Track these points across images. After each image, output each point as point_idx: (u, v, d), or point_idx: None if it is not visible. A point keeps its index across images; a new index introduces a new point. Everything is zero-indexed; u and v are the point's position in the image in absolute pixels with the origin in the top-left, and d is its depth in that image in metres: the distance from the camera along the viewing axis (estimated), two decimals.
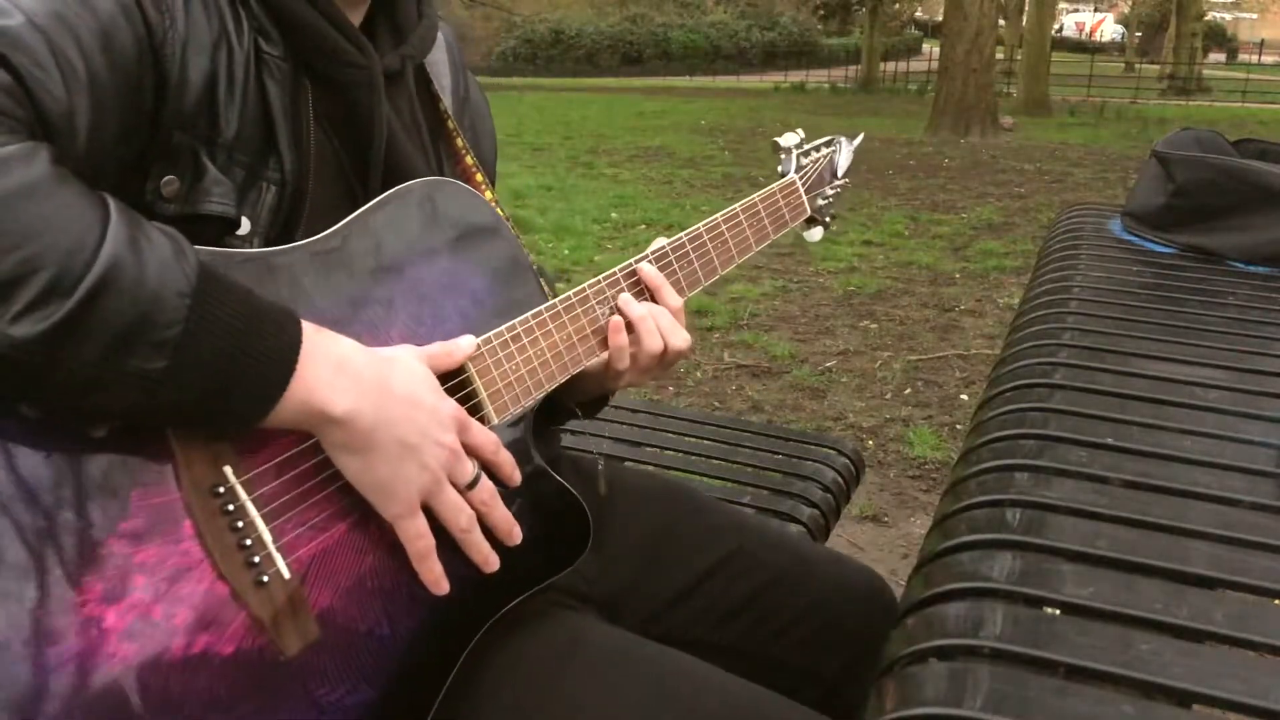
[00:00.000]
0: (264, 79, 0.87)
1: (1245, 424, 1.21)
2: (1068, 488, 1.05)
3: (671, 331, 1.08)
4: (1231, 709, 0.73)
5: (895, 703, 0.73)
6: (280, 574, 0.80)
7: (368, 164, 0.95)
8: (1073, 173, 10.61)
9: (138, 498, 0.73)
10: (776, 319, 5.14)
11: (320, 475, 0.83)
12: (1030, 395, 1.30)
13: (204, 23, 0.84)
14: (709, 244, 1.19)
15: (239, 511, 0.78)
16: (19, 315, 0.64)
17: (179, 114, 0.82)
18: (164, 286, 0.69)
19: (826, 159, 1.41)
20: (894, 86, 26.24)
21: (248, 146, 0.87)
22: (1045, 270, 1.94)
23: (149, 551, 0.73)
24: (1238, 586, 0.88)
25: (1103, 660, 0.76)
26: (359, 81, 0.94)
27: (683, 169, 10.34)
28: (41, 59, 0.71)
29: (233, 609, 0.77)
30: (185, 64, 0.82)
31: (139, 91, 0.80)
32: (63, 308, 0.65)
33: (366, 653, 0.86)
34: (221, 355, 0.72)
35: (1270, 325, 1.56)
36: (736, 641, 1.19)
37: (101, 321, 0.67)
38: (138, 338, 0.68)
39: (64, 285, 0.65)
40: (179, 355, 0.70)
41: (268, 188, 0.88)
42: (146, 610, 0.72)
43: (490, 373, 0.95)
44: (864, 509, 3.15)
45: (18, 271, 0.64)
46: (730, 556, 1.21)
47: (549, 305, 1.01)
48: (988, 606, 0.84)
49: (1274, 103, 21.78)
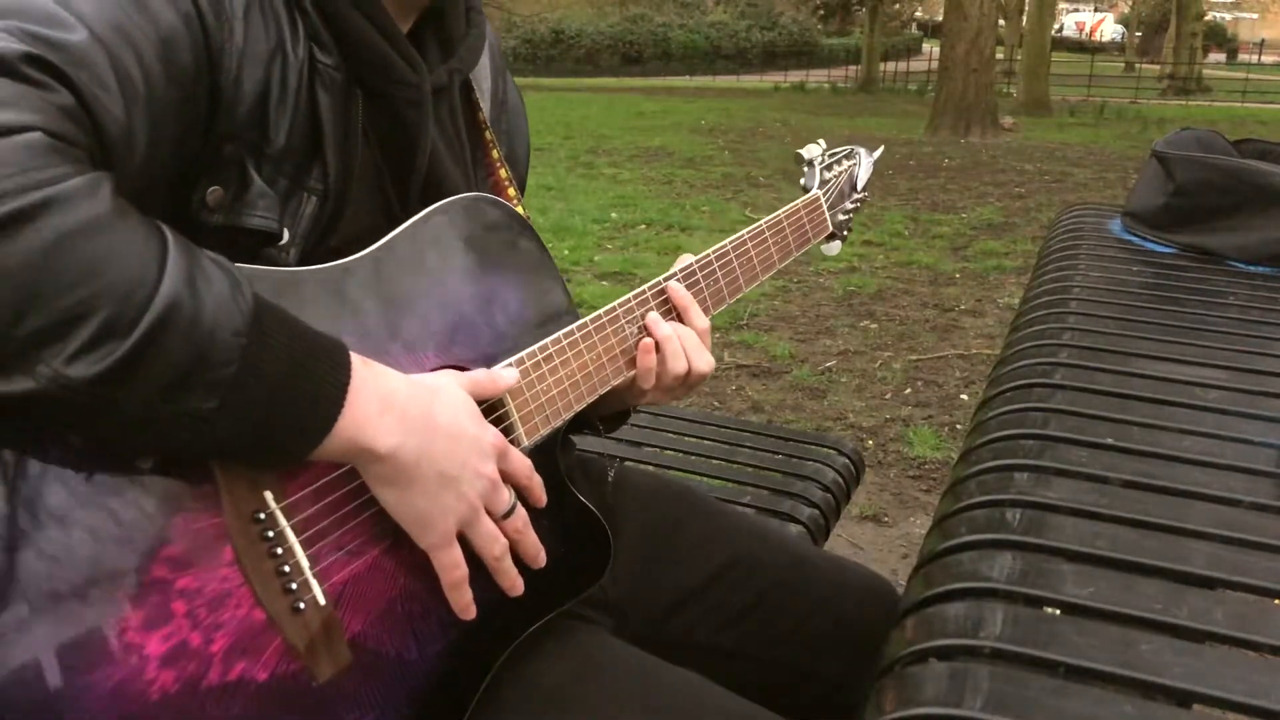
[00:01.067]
0: (316, 88, 0.86)
1: (1245, 424, 1.21)
2: (1068, 488, 1.05)
3: (696, 353, 1.08)
4: (1231, 709, 0.73)
5: (895, 703, 0.73)
6: (316, 600, 0.79)
7: (408, 177, 0.94)
8: (1073, 173, 10.61)
9: (181, 523, 0.72)
10: (776, 319, 5.14)
11: (357, 500, 0.83)
12: (1030, 395, 1.30)
13: (261, 32, 0.82)
14: (735, 262, 1.19)
15: (278, 538, 0.77)
16: (75, 356, 0.62)
17: (231, 126, 0.81)
18: (220, 326, 0.67)
19: (846, 173, 1.41)
20: (894, 86, 26.23)
21: (294, 156, 0.85)
22: (1045, 270, 1.94)
23: (189, 578, 0.72)
24: (1238, 586, 0.88)
25: (1103, 660, 0.76)
26: (409, 99, 0.92)
27: (683, 169, 10.34)
28: (103, 77, 0.69)
29: (268, 635, 0.76)
30: (241, 76, 0.80)
31: (194, 104, 0.78)
32: (120, 349, 0.63)
33: (394, 676, 0.86)
34: (273, 393, 0.71)
35: (1270, 325, 1.57)
36: (740, 644, 1.19)
37: (158, 362, 0.65)
38: (193, 378, 0.66)
39: (121, 325, 0.63)
40: (232, 395, 0.68)
41: (308, 198, 0.86)
42: (185, 637, 0.72)
43: (523, 394, 0.94)
44: (864, 509, 3.15)
45: (76, 311, 0.61)
46: (734, 559, 1.21)
47: (580, 324, 1.00)
48: (988, 606, 0.84)
49: (1274, 103, 21.78)
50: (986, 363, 4.36)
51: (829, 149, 1.42)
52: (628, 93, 21.84)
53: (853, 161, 1.43)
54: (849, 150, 1.45)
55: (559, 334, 0.98)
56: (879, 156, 1.48)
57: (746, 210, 8.13)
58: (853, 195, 1.43)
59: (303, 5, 0.85)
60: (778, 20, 37.18)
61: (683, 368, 1.07)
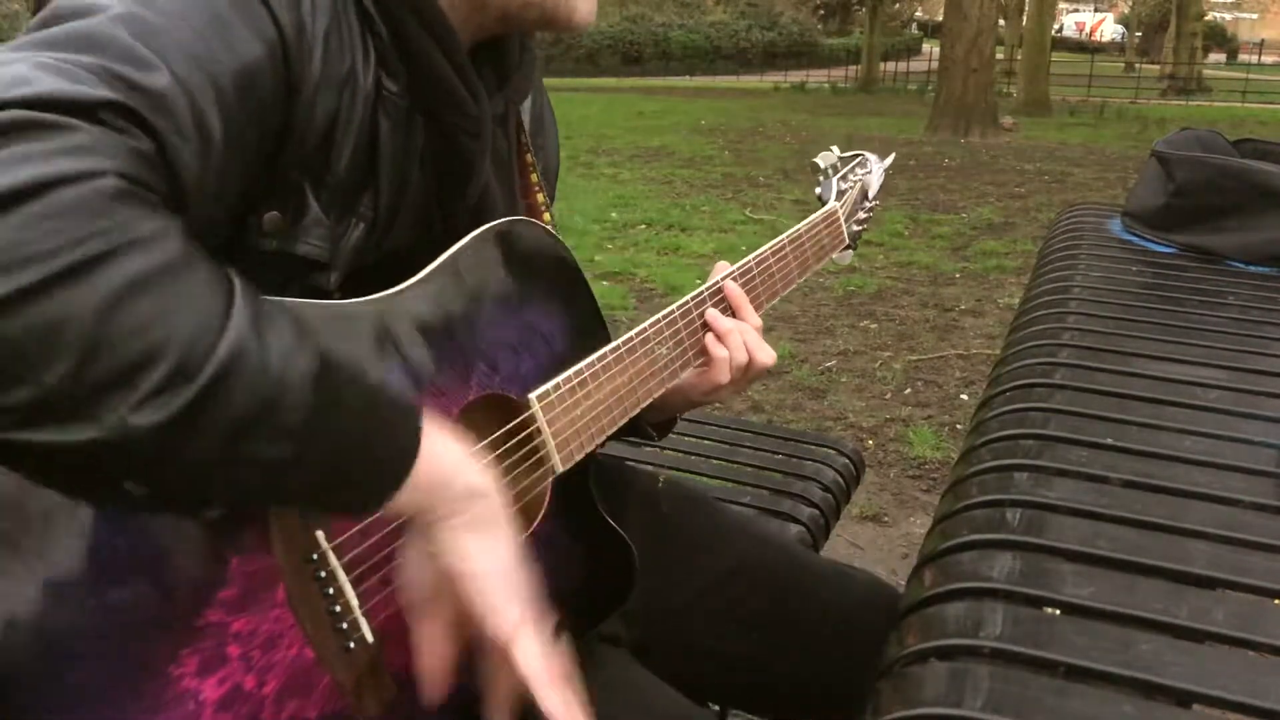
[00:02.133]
0: (378, 116, 0.84)
1: (1245, 424, 1.21)
2: (1068, 488, 1.05)
3: (757, 347, 1.12)
4: (1231, 709, 0.73)
5: (895, 703, 0.73)
6: (365, 639, 0.79)
7: (456, 205, 0.93)
8: (1073, 173, 10.61)
9: (236, 565, 0.72)
10: (776, 319, 5.13)
11: (400, 537, 0.82)
12: (1030, 395, 1.30)
13: (338, 59, 0.80)
14: (757, 278, 1.19)
15: (330, 578, 0.77)
16: (140, 404, 0.60)
17: (299, 154, 0.79)
18: (288, 371, 0.66)
19: (860, 182, 1.40)
20: (894, 86, 26.23)
21: (349, 182, 0.83)
22: (1045, 270, 1.94)
23: (243, 620, 0.72)
24: (1238, 586, 0.88)
25: (1103, 660, 0.76)
26: (468, 130, 0.90)
27: (683, 169, 10.34)
28: (182, 124, 0.67)
29: (318, 675, 0.76)
30: (314, 105, 0.78)
31: (267, 137, 0.76)
32: (185, 395, 0.61)
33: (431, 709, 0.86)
34: (342, 445, 0.69)
35: (1270, 325, 1.57)
36: (743, 648, 1.19)
37: (225, 408, 0.63)
38: (262, 424, 0.65)
39: (188, 371, 0.61)
40: (305, 442, 0.67)
41: (357, 224, 0.85)
42: (240, 680, 0.72)
43: (559, 420, 0.93)
44: (864, 509, 3.15)
45: (143, 358, 0.60)
46: (738, 565, 1.21)
47: (612, 347, 0.99)
48: (988, 606, 0.84)
49: (1274, 103, 21.77)
50: (986, 363, 4.36)
51: (841, 155, 1.41)
52: (628, 93, 21.84)
53: (866, 170, 1.42)
54: (861, 158, 1.44)
55: (593, 358, 0.97)
56: (890, 164, 1.47)
57: (746, 210, 8.13)
58: (865, 204, 1.42)
59: (375, 28, 0.83)
60: (778, 20, 37.17)
61: (743, 359, 1.10)
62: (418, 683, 0.83)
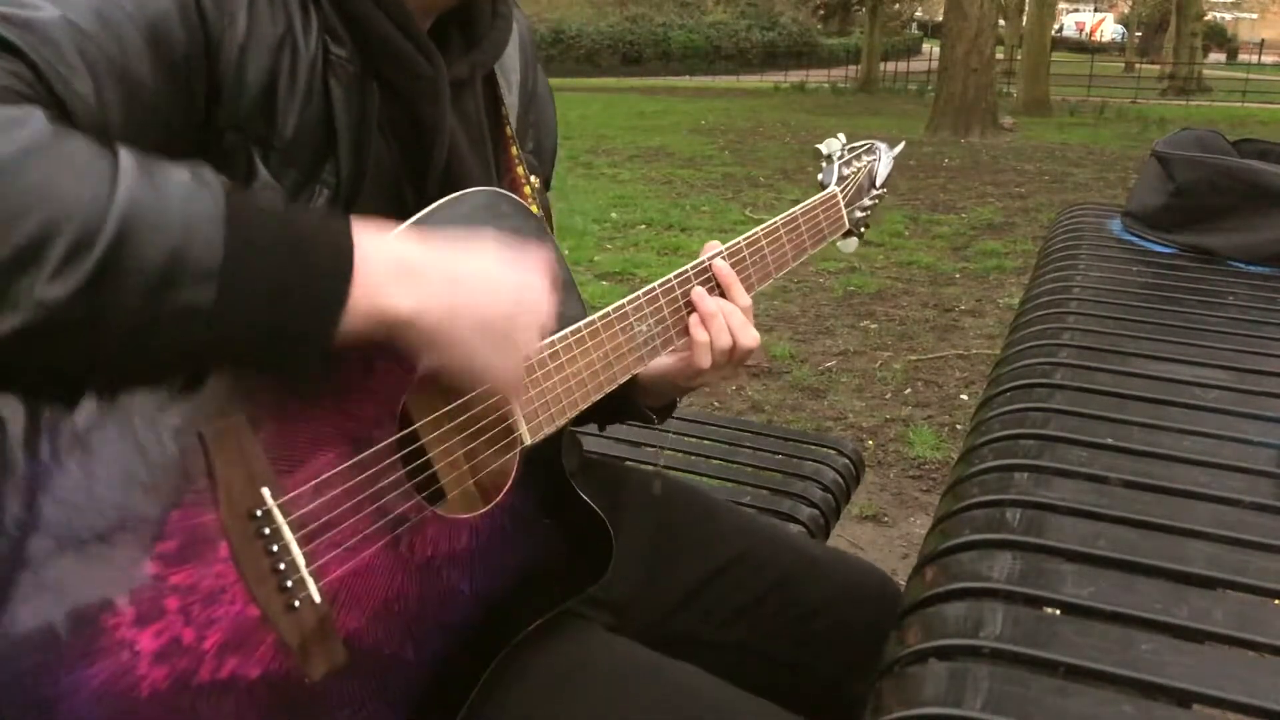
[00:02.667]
0: (329, 81, 0.84)
1: (1245, 424, 1.21)
2: (1068, 488, 1.05)
3: (741, 329, 1.09)
4: (1231, 709, 0.73)
5: (895, 703, 0.73)
6: (311, 598, 0.79)
7: (425, 173, 0.93)
8: (1073, 173, 10.61)
9: (176, 519, 0.72)
10: (776, 319, 5.13)
11: (357, 497, 0.82)
12: (1030, 395, 1.30)
13: (268, 21, 0.81)
14: (748, 258, 1.17)
15: (274, 535, 0.77)
16: (51, 277, 0.61)
17: (233, 115, 0.80)
18: (192, 215, 0.66)
19: (866, 168, 1.39)
20: (894, 86, 26.22)
21: (305, 149, 0.84)
22: (1045, 270, 1.94)
23: (183, 574, 0.72)
24: (1238, 586, 0.88)
25: (1103, 660, 0.76)
26: (424, 93, 0.90)
27: (683, 169, 10.34)
28: (67, 54, 0.69)
29: (262, 632, 0.76)
30: (243, 65, 0.79)
31: (188, 94, 0.77)
32: (90, 258, 0.62)
33: (391, 676, 0.85)
34: (272, 272, 0.69)
35: (1270, 325, 1.57)
36: (742, 641, 1.19)
37: (135, 263, 0.64)
38: (178, 271, 0.65)
39: (87, 234, 0.62)
40: (227, 281, 0.66)
41: (320, 191, 0.85)
42: (178, 633, 0.71)
43: (527, 391, 0.93)
44: (864, 509, 3.15)
45: (39, 234, 0.61)
46: (737, 558, 1.21)
47: (587, 322, 0.99)
48: (988, 606, 0.84)
49: (1274, 103, 21.77)
50: (986, 363, 4.36)
51: (848, 144, 1.40)
52: (628, 93, 21.83)
53: (873, 157, 1.41)
54: (869, 145, 1.42)
55: (566, 331, 0.97)
56: (900, 152, 1.45)
57: (746, 210, 8.13)
58: (871, 191, 1.41)
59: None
60: (778, 20, 37.16)
61: (727, 343, 1.08)
62: (377, 644, 0.83)
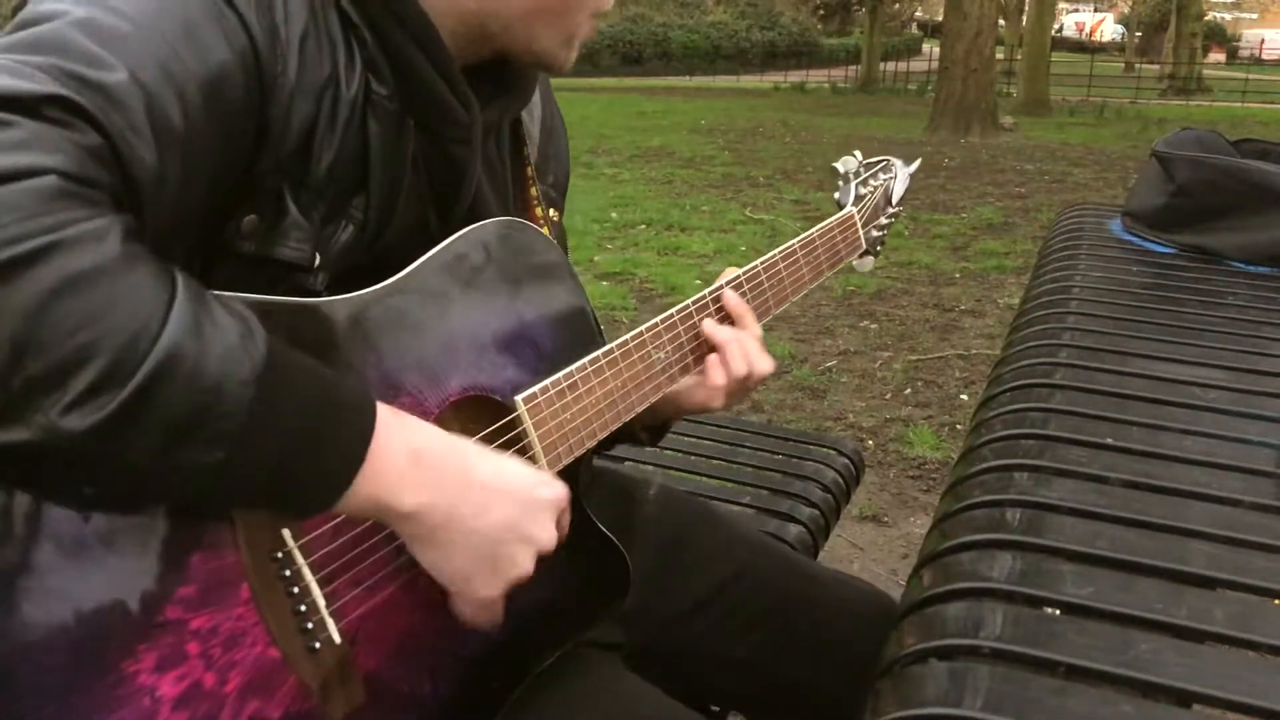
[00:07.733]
0: (368, 119, 0.84)
1: (1245, 424, 1.21)
2: (1068, 488, 1.05)
3: (757, 358, 1.11)
4: (1231, 709, 0.73)
5: (895, 703, 0.73)
6: (331, 639, 0.78)
7: (450, 209, 0.93)
8: (1073, 173, 10.61)
9: (198, 562, 0.71)
10: (776, 319, 5.11)
11: (375, 536, 0.82)
12: (1030, 395, 1.30)
13: (316, 64, 0.79)
14: (766, 283, 1.17)
15: (295, 576, 0.76)
16: (71, 406, 0.60)
17: (276, 158, 0.79)
18: (226, 376, 0.64)
19: (882, 186, 1.38)
20: (894, 86, 26.22)
21: (337, 185, 0.83)
22: (1045, 270, 1.94)
23: (204, 617, 0.71)
24: (1238, 586, 0.88)
25: (1103, 660, 0.76)
26: (458, 138, 0.91)
27: (683, 169, 10.33)
28: (136, 121, 0.66)
29: (283, 675, 0.75)
30: (291, 111, 0.78)
31: (238, 140, 0.76)
32: (116, 399, 0.60)
33: (409, 713, 0.85)
34: (286, 446, 0.68)
35: (1270, 325, 1.57)
36: (743, 655, 1.19)
37: (156, 413, 0.62)
38: (195, 430, 0.64)
39: (119, 375, 0.60)
40: (238, 448, 0.65)
41: (346, 225, 0.84)
42: (199, 678, 0.71)
43: (546, 423, 0.92)
44: (864, 509, 3.15)
45: (74, 359, 0.59)
46: (740, 572, 1.21)
47: (605, 350, 0.99)
48: (988, 606, 0.84)
49: (1274, 103, 21.77)
50: (986, 363, 4.36)
51: (864, 160, 1.39)
52: (628, 93, 21.83)
53: (889, 175, 1.40)
54: (885, 163, 1.41)
55: (584, 360, 0.96)
56: (915, 169, 1.44)
57: (746, 210, 8.13)
58: (888, 210, 1.40)
59: (359, 33, 0.83)
60: (778, 20, 37.17)
61: (742, 370, 1.09)
62: (395, 682, 0.82)
